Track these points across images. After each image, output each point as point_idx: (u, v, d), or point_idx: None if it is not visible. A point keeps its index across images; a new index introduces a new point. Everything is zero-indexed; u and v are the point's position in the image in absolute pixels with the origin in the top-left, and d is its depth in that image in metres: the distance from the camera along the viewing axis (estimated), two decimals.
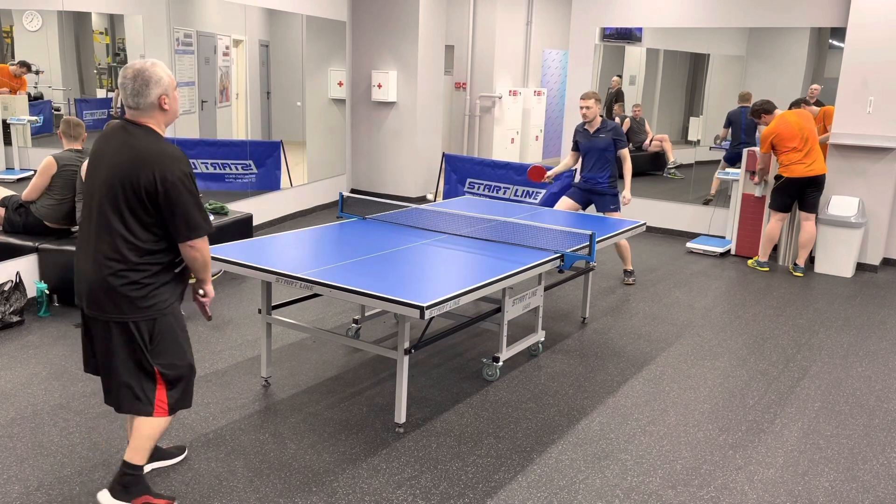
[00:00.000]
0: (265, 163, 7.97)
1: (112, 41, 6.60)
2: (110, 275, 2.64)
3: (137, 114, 2.68)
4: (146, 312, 2.70)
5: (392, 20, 9.29)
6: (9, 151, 5.79)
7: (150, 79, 2.65)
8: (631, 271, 6.37)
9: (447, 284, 3.44)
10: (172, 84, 2.72)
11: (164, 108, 2.69)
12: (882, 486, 3.32)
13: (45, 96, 5.99)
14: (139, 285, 2.67)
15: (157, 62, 2.72)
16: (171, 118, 2.76)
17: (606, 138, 5.99)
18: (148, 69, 2.66)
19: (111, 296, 2.66)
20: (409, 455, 3.40)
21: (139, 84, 2.63)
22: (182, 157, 2.66)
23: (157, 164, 2.58)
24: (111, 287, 2.65)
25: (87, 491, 3.03)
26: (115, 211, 2.62)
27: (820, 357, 4.83)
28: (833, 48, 7.49)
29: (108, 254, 2.64)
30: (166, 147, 2.65)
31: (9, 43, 5.71)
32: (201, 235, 2.68)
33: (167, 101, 2.69)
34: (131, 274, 2.65)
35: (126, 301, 2.66)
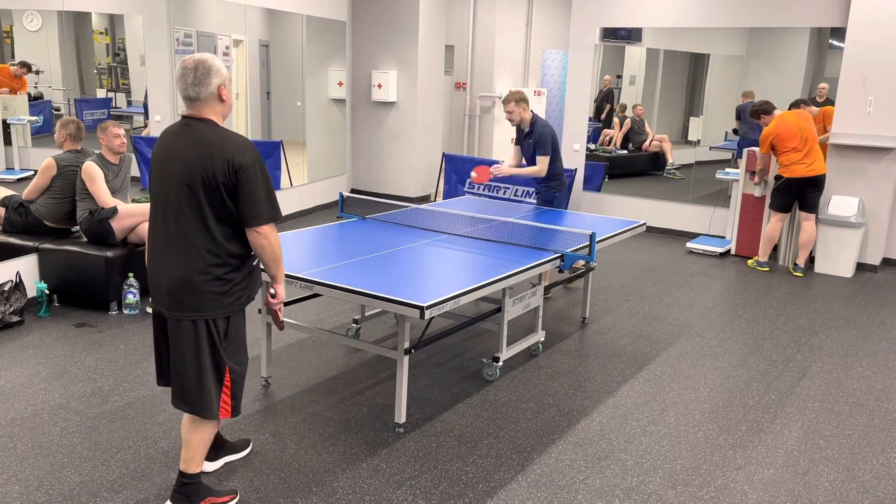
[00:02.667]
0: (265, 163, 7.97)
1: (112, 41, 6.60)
2: (195, 272, 2.63)
3: (198, 105, 2.64)
4: (226, 309, 2.71)
5: (392, 20, 9.29)
6: (9, 151, 5.79)
7: (211, 68, 2.62)
8: None
9: (447, 284, 3.44)
10: (229, 77, 2.72)
11: (223, 98, 2.67)
12: (882, 486, 3.32)
13: (45, 96, 5.99)
14: (221, 281, 2.67)
15: (214, 56, 2.71)
16: (228, 111, 2.74)
17: (531, 143, 5.60)
18: (208, 59, 2.64)
19: (194, 293, 2.64)
20: (409, 455, 3.40)
21: (201, 73, 2.60)
22: (251, 145, 2.66)
23: (228, 152, 2.57)
24: (195, 284, 2.63)
25: (87, 491, 3.03)
26: (195, 208, 2.60)
27: (820, 357, 4.83)
28: (833, 48, 7.49)
29: (192, 252, 2.62)
30: (234, 135, 2.65)
31: (9, 43, 5.71)
32: (266, 222, 2.64)
33: (225, 91, 2.68)
34: (214, 270, 2.65)
35: (208, 297, 2.66)
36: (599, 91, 9.12)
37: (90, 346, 4.53)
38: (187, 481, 2.85)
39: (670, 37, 8.42)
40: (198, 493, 2.87)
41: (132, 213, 5.07)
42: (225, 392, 2.80)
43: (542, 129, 5.57)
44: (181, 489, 2.85)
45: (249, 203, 2.60)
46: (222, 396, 2.80)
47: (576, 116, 8.71)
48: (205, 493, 2.90)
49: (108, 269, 5.01)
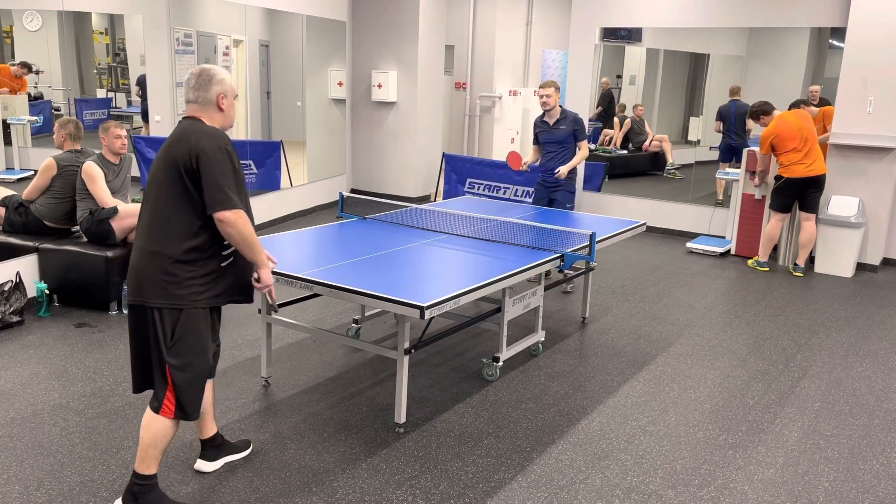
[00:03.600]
0: (265, 163, 7.97)
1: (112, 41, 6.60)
2: (150, 257, 2.67)
3: (196, 108, 2.76)
4: (175, 301, 2.68)
5: (392, 20, 9.29)
6: (9, 151, 5.79)
7: (213, 76, 2.76)
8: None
9: (447, 284, 3.44)
10: (233, 92, 2.82)
11: (222, 107, 2.78)
12: (882, 486, 3.32)
13: (45, 96, 5.99)
14: (170, 273, 2.66)
15: (224, 70, 2.85)
16: (227, 122, 2.82)
17: (567, 129, 5.83)
18: (213, 69, 2.79)
19: (145, 279, 2.68)
20: (409, 455, 3.40)
21: (203, 79, 2.75)
22: (222, 135, 2.71)
23: (193, 139, 2.64)
24: (145, 270, 2.68)
25: (87, 491, 3.03)
26: (161, 194, 2.68)
27: (820, 357, 4.83)
28: (833, 48, 7.49)
29: (155, 237, 2.68)
30: (210, 128, 2.71)
31: (9, 43, 5.71)
32: (226, 208, 2.63)
33: (225, 101, 2.79)
34: (164, 259, 2.66)
35: (157, 285, 2.66)
36: (600, 92, 9.12)
37: (90, 346, 4.53)
38: (137, 481, 2.79)
39: (670, 37, 8.42)
40: (146, 497, 2.79)
41: (132, 213, 5.06)
42: (168, 390, 2.75)
43: (576, 115, 5.94)
44: (130, 488, 2.80)
45: (209, 189, 2.63)
46: (166, 394, 2.75)
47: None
48: (156, 500, 2.81)
49: (108, 269, 5.01)
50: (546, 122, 5.92)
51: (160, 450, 2.80)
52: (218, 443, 3.23)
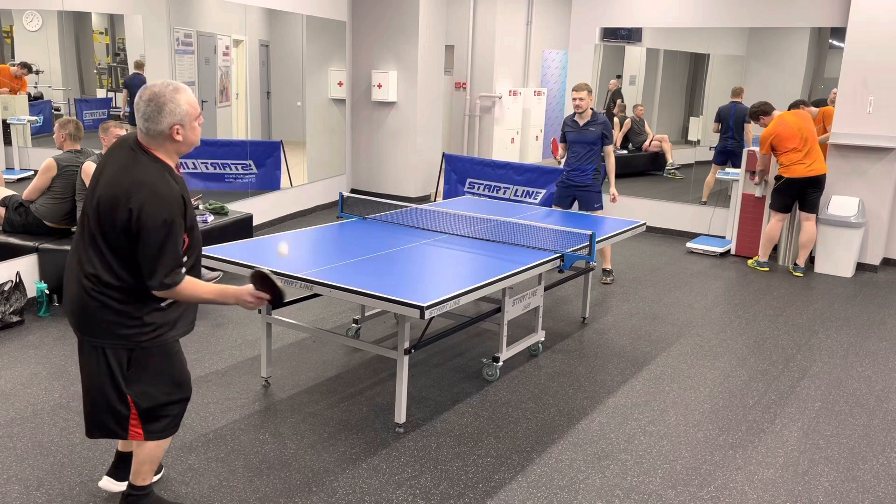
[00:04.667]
0: (265, 163, 7.97)
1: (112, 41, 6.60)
2: (88, 296, 2.50)
3: (147, 140, 2.50)
4: (123, 342, 2.54)
5: (392, 20, 9.29)
6: (9, 151, 5.79)
7: (163, 106, 2.44)
8: (610, 271, 6.36)
9: (447, 284, 3.44)
10: (193, 114, 2.51)
11: (177, 139, 2.50)
12: (882, 486, 3.32)
13: (45, 96, 5.99)
14: (113, 311, 2.50)
15: (182, 87, 2.50)
16: (185, 149, 2.56)
17: (596, 132, 5.98)
18: (165, 95, 2.45)
19: (87, 317, 2.53)
20: (409, 455, 3.40)
21: (151, 109, 2.45)
22: (172, 200, 2.44)
23: (139, 200, 2.39)
24: (86, 307, 2.51)
25: (87, 491, 3.03)
26: (100, 234, 2.47)
27: (820, 357, 4.83)
28: (833, 48, 7.49)
29: (90, 276, 2.50)
30: (160, 184, 2.44)
31: (9, 43, 5.71)
32: (164, 289, 2.46)
33: (181, 132, 2.49)
34: (104, 298, 2.49)
35: (101, 324, 2.52)
36: (607, 92, 9.13)
37: None
38: (133, 492, 2.78)
39: (670, 37, 8.41)
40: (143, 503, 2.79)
41: None
42: (133, 418, 2.63)
43: (605, 119, 6.06)
44: (125, 499, 2.79)
45: (144, 261, 2.44)
46: (131, 422, 2.63)
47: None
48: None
49: None
50: (576, 122, 6.06)
51: (155, 463, 2.77)
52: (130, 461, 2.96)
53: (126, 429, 2.65)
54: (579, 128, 6.04)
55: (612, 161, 6.10)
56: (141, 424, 2.65)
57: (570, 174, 6.14)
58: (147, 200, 2.40)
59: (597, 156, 6.05)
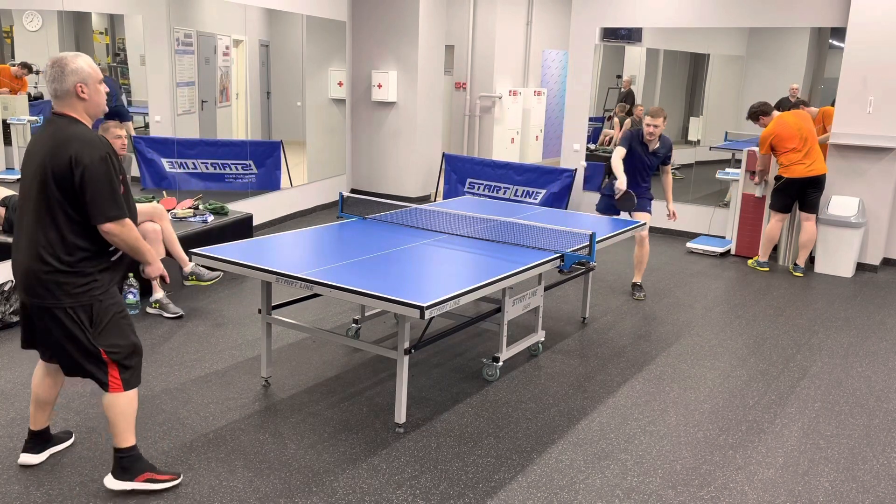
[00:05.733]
0: (265, 163, 7.97)
1: (112, 41, 6.60)
2: (39, 263, 2.73)
3: (58, 103, 2.76)
4: (81, 299, 2.77)
5: (392, 20, 9.29)
6: (9, 151, 5.79)
7: (65, 66, 2.72)
8: (640, 285, 6.04)
9: (447, 284, 3.44)
10: (95, 77, 2.78)
11: (82, 96, 2.75)
12: (882, 486, 3.32)
13: (45, 96, 5.99)
14: (67, 273, 2.74)
15: (82, 55, 2.78)
16: (93, 109, 2.81)
17: (661, 157, 5.92)
18: (66, 59, 2.74)
19: (43, 284, 2.75)
20: (409, 455, 3.40)
21: (55, 71, 2.72)
22: (100, 142, 2.71)
23: (72, 149, 2.65)
24: (41, 275, 2.74)
25: (87, 491, 3.03)
26: (42, 200, 2.72)
27: (820, 357, 4.83)
28: (833, 48, 7.49)
29: (41, 242, 2.73)
30: (85, 133, 2.72)
31: (9, 43, 5.71)
32: (106, 221, 2.71)
33: (85, 90, 2.75)
34: (57, 262, 2.73)
35: (57, 288, 2.74)
36: (619, 92, 9.12)
37: None
38: (121, 455, 2.97)
39: (670, 37, 8.42)
40: (134, 466, 2.98)
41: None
42: (111, 368, 2.88)
43: (671, 143, 6.01)
44: (118, 463, 2.97)
45: (93, 202, 2.68)
46: (109, 372, 2.88)
47: (576, 116, 8.71)
48: (144, 468, 3.00)
49: None
50: (645, 144, 5.87)
51: (131, 421, 2.96)
52: (47, 436, 3.26)
53: (107, 381, 2.88)
54: (647, 151, 5.88)
55: (669, 179, 6.06)
56: (118, 373, 2.90)
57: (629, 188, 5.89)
58: (81, 145, 2.67)
59: (652, 175, 6.02)
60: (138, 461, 3.00)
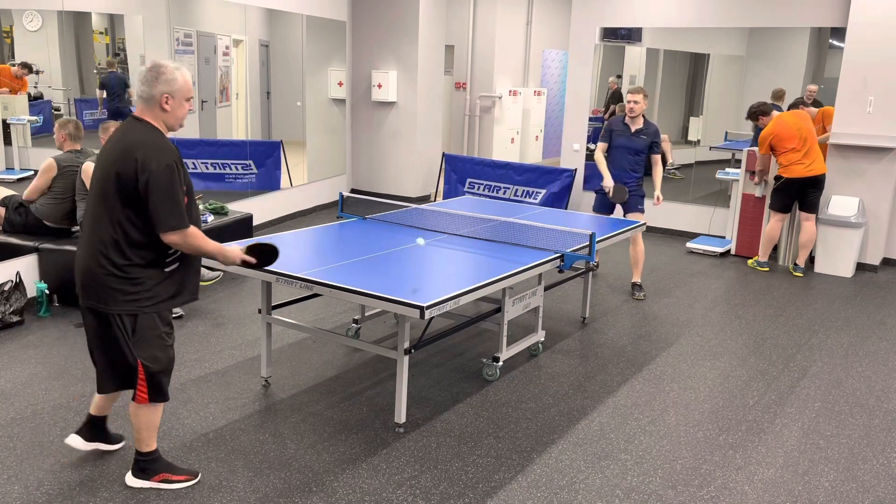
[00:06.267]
0: (265, 163, 7.97)
1: (112, 41, 6.60)
2: (95, 264, 2.75)
3: (141, 105, 2.77)
4: (128, 307, 2.78)
5: (392, 20, 9.29)
6: (9, 151, 5.79)
7: (160, 74, 2.74)
8: (640, 285, 6.04)
9: (447, 284, 3.44)
10: (184, 93, 2.79)
11: (165, 107, 2.76)
12: (882, 486, 3.32)
13: (45, 96, 5.99)
14: (121, 278, 2.75)
15: (183, 68, 2.81)
16: (171, 121, 2.81)
17: (646, 141, 5.85)
18: (165, 67, 2.75)
19: (98, 286, 2.76)
20: (409, 455, 3.40)
21: (150, 75, 2.75)
22: (169, 150, 2.71)
23: (140, 154, 2.65)
24: (97, 277, 2.75)
25: (87, 491, 3.03)
26: (105, 201, 2.72)
27: (820, 357, 4.83)
28: (833, 48, 7.49)
29: (97, 244, 2.76)
30: (156, 139, 2.72)
31: (9, 43, 5.71)
32: (174, 229, 2.71)
33: (170, 102, 2.76)
34: (110, 266, 2.74)
35: (108, 291, 2.76)
36: (607, 92, 9.12)
37: None
38: (140, 458, 3.04)
39: (670, 37, 8.41)
40: (152, 468, 3.04)
41: None
42: (140, 381, 2.89)
43: (656, 128, 5.94)
44: (136, 465, 3.05)
45: (154, 210, 2.68)
46: (138, 383, 2.90)
47: (576, 116, 8.71)
48: (161, 469, 3.05)
49: None
50: (627, 125, 5.87)
51: (152, 431, 3.01)
52: (101, 426, 3.27)
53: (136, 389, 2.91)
54: (630, 133, 5.84)
55: (659, 170, 5.91)
56: (147, 387, 2.89)
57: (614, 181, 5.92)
58: (149, 150, 2.67)
59: (642, 164, 5.90)
60: (156, 462, 3.05)
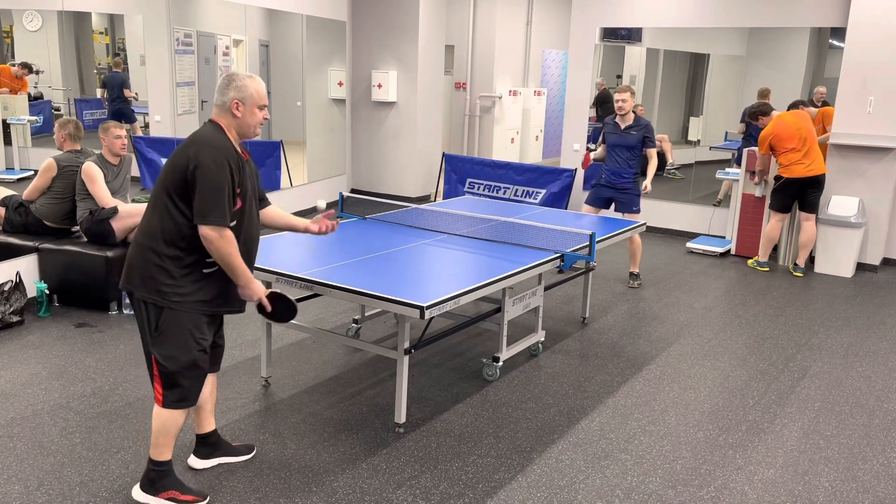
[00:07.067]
0: (265, 163, 7.98)
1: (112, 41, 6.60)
2: (138, 247, 2.75)
3: (215, 111, 2.84)
4: (156, 297, 2.74)
5: (392, 20, 9.29)
6: (9, 151, 5.79)
7: (233, 81, 2.81)
8: (637, 274, 6.30)
9: (447, 284, 3.44)
10: (256, 99, 2.81)
11: (236, 113, 2.80)
12: (882, 486, 3.32)
13: (45, 96, 5.99)
14: (159, 268, 2.73)
15: (257, 78, 2.85)
16: (243, 129, 2.83)
17: (637, 136, 5.95)
18: (238, 76, 2.82)
19: (135, 267, 2.76)
20: (409, 455, 3.41)
21: (223, 82, 2.82)
22: (225, 149, 2.72)
23: (194, 147, 2.69)
24: (136, 258, 2.76)
25: (87, 491, 3.03)
26: (159, 190, 2.74)
27: (820, 357, 4.83)
28: (833, 48, 7.49)
29: (144, 230, 2.76)
30: (214, 138, 2.74)
31: (9, 43, 5.72)
32: (206, 222, 2.66)
33: (241, 108, 2.79)
34: (152, 253, 2.72)
35: (142, 274, 2.74)
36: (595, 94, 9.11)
37: (90, 346, 4.53)
38: (152, 467, 2.92)
39: (670, 37, 8.42)
40: (161, 482, 2.91)
41: (132, 213, 5.06)
42: (155, 379, 2.83)
43: (648, 123, 6.03)
44: (147, 475, 2.94)
45: (199, 201, 2.67)
46: (154, 383, 2.84)
47: (576, 116, 8.71)
48: (169, 486, 2.92)
49: (108, 269, 5.01)
50: (618, 124, 6.02)
51: (170, 437, 2.89)
52: (213, 441, 3.24)
53: (153, 388, 2.85)
54: (620, 131, 5.99)
55: (653, 163, 6.03)
56: (161, 388, 2.83)
57: (610, 177, 6.08)
58: (204, 146, 2.69)
59: (636, 161, 6.01)
60: (167, 477, 2.92)
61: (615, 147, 6.04)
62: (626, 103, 5.89)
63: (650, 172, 6.02)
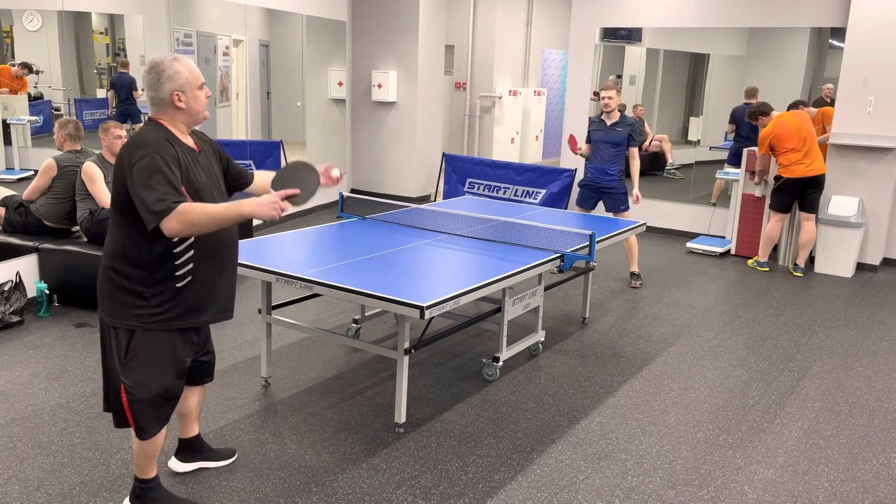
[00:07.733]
0: (265, 163, 7.97)
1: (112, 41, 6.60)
2: (103, 269, 2.60)
3: (154, 110, 2.59)
4: (126, 321, 2.57)
5: (392, 20, 9.29)
6: (9, 151, 5.79)
7: (161, 73, 2.53)
8: (637, 274, 6.32)
9: (447, 284, 3.44)
10: (193, 82, 2.57)
11: (179, 105, 2.55)
12: (882, 486, 3.32)
13: (45, 96, 5.99)
14: (120, 289, 2.55)
15: (182, 58, 2.58)
16: (191, 118, 2.60)
17: (623, 133, 5.99)
18: (163, 64, 2.53)
19: (102, 290, 2.60)
20: (409, 455, 3.40)
21: (151, 78, 2.54)
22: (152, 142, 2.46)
23: (125, 154, 2.47)
24: (102, 282, 2.60)
25: (87, 491, 3.03)
26: (114, 208, 2.58)
27: (820, 357, 4.83)
28: (833, 48, 7.49)
29: (108, 251, 2.60)
30: (141, 136, 2.50)
31: (9, 43, 5.71)
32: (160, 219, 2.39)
33: (182, 98, 2.55)
34: (114, 273, 2.56)
35: (108, 299, 2.58)
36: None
37: (90, 346, 4.53)
38: (138, 485, 2.83)
39: (670, 37, 8.42)
40: (149, 497, 2.82)
41: None
42: (125, 408, 2.63)
43: (633, 121, 6.07)
44: (133, 491, 2.85)
45: (139, 206, 2.43)
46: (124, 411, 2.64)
47: (576, 116, 8.71)
48: (157, 499, 2.84)
49: None
50: (603, 121, 6.07)
51: (152, 458, 2.78)
52: (196, 445, 3.18)
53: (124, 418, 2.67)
54: (606, 128, 6.04)
55: (636, 163, 6.07)
56: (132, 418, 2.65)
57: (596, 176, 6.13)
58: (132, 151, 2.46)
59: (621, 158, 6.04)
60: (153, 491, 2.83)
61: (600, 144, 6.08)
62: (611, 101, 5.94)
63: (636, 177, 6.07)
